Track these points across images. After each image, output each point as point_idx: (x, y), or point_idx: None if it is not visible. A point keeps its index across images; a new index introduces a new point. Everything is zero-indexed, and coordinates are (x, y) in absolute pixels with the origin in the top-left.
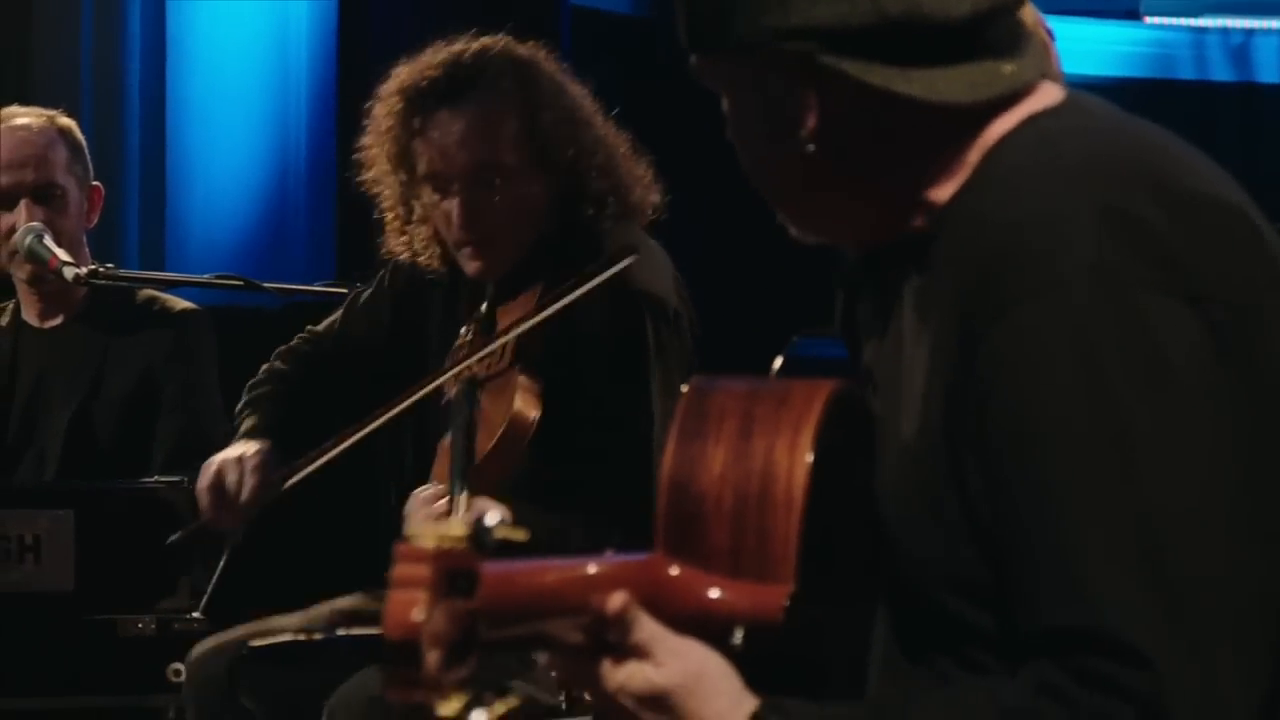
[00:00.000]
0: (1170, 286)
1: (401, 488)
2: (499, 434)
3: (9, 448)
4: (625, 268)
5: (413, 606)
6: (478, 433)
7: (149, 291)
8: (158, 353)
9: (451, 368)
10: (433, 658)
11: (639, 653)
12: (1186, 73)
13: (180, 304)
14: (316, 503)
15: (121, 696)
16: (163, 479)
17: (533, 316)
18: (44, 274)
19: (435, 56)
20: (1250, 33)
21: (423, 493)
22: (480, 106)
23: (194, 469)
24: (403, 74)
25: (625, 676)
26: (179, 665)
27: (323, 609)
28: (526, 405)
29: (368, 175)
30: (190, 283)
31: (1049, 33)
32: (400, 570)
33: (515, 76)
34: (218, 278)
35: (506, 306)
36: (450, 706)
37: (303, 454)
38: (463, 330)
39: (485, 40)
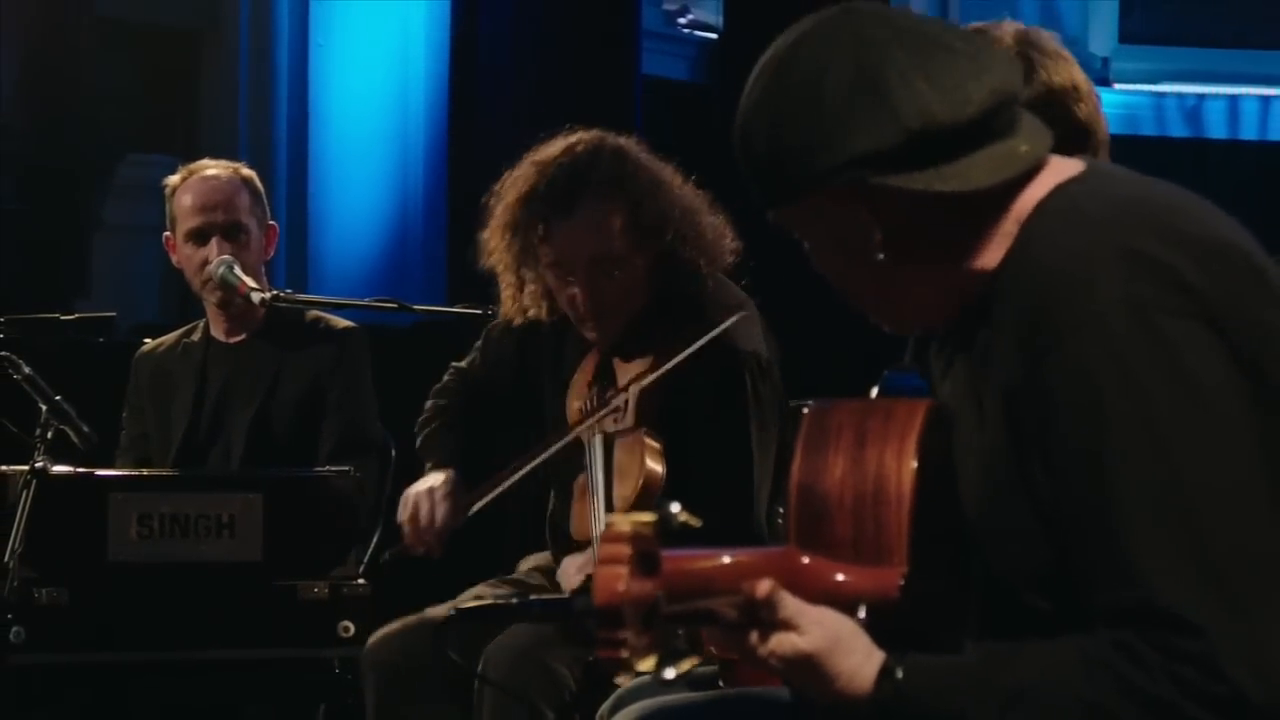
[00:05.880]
0: (1187, 310)
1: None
2: (636, 489)
3: (200, 442)
4: (725, 328)
5: (617, 580)
6: (615, 483)
7: (316, 312)
8: (323, 363)
9: (582, 419)
10: (631, 623)
11: (785, 625)
12: (1148, 130)
13: (342, 323)
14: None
15: (300, 649)
16: (334, 468)
17: (650, 374)
18: (233, 298)
19: (544, 163)
20: (1202, 97)
21: (574, 559)
22: (592, 210)
23: (353, 460)
24: (518, 181)
25: (775, 644)
26: (348, 623)
27: (521, 574)
28: (656, 463)
29: (489, 262)
30: (350, 305)
31: (1097, 96)
32: (604, 549)
33: (615, 174)
34: (375, 300)
35: (623, 363)
36: (647, 664)
37: (481, 474)
38: (578, 375)
39: (583, 137)
